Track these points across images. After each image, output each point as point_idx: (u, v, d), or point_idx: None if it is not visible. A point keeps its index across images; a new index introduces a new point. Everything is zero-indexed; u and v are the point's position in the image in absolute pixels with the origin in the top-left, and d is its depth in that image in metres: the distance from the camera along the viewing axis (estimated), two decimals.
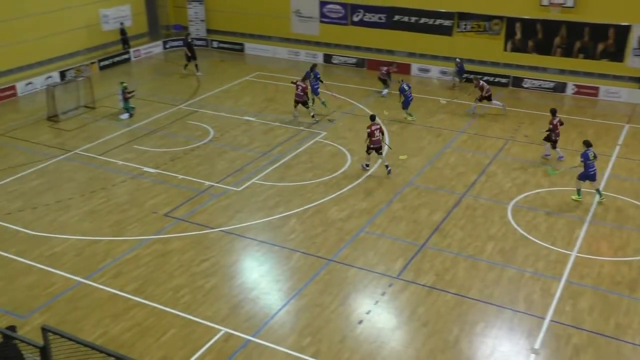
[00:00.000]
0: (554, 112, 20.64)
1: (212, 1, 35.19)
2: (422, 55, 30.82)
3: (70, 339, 6.78)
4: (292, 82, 24.51)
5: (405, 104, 24.41)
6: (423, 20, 30.18)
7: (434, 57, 30.53)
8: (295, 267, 15.15)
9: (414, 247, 15.92)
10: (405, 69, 30.61)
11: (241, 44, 34.65)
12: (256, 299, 13.95)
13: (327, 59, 32.52)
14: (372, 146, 19.71)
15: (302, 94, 23.87)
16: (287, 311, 13.54)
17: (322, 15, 32.59)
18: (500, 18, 28.60)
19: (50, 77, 28.80)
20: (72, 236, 16.45)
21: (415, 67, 30.64)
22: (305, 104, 24.09)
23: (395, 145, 22.01)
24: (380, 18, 31.20)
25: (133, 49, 33.24)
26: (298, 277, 14.73)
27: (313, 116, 24.16)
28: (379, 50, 31.79)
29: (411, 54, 31.13)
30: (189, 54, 30.07)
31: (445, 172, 20.10)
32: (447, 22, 29.79)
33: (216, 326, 12.97)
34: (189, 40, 30.61)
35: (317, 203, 18.13)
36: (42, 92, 26.50)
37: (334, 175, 19.87)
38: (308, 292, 14.13)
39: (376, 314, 13.48)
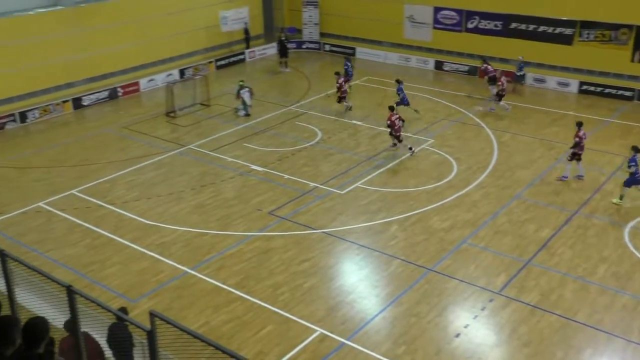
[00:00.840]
0: (579, 125, 19.61)
1: (326, 5, 35.65)
2: (539, 65, 29.72)
3: (175, 326, 7.04)
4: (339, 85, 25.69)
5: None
6: (542, 28, 29.11)
7: (552, 67, 29.37)
8: (394, 274, 15.04)
9: (519, 263, 15.36)
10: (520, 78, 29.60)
11: (352, 48, 34.86)
12: (353, 302, 13.97)
13: (438, 65, 32.07)
14: (397, 134, 21.27)
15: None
16: (383, 317, 13.46)
17: (436, 21, 32.20)
18: (629, 27, 27.05)
19: (170, 74, 30.27)
20: (181, 227, 17.18)
21: (530, 76, 29.59)
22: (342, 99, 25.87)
23: (504, 157, 21.38)
24: (496, 25, 30.41)
25: (248, 50, 34.30)
26: (396, 284, 14.61)
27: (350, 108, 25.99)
28: (492, 59, 30.93)
29: (527, 63, 30.06)
30: (281, 52, 32.02)
31: (556, 187, 19.27)
32: (567, 31, 28.56)
33: (312, 326, 13.11)
34: (282, 38, 32.27)
35: (419, 211, 17.92)
36: (162, 89, 27.90)
37: (438, 184, 19.55)
38: (405, 300, 13.99)
39: (474, 328, 13.13)
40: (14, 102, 25.61)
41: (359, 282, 14.81)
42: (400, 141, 21.46)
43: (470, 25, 31.22)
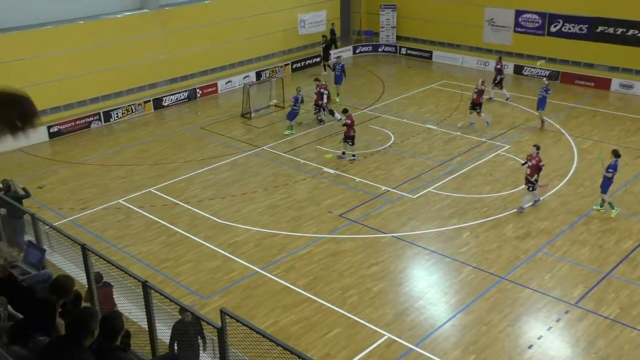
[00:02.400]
0: (536, 147, 17.91)
1: (404, 8, 35.41)
2: (626, 70, 28.50)
3: (244, 324, 7.17)
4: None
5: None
6: (631, 32, 27.87)
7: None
8: (464, 281, 14.76)
9: (597, 275, 14.77)
10: (604, 83, 28.53)
11: (429, 52, 34.47)
12: (422, 308, 13.81)
13: (518, 70, 31.27)
14: (353, 134, 21.31)
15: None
16: (452, 325, 13.24)
17: (517, 24, 31.39)
18: None
19: (247, 76, 30.83)
20: (253, 227, 17.46)
21: (616, 82, 28.40)
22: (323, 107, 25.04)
23: (585, 165, 20.61)
24: (581, 29, 29.35)
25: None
26: (467, 292, 14.34)
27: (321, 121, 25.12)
28: (576, 63, 29.93)
29: (613, 68, 28.91)
30: (323, 54, 32.04)
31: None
32: None
33: (380, 330, 13.04)
34: (325, 40, 32.07)
35: (493, 218, 17.52)
36: (239, 90, 28.44)
37: (514, 190, 19.06)
38: (476, 308, 13.70)
39: (548, 340, 12.71)
40: (99, 102, 26.74)
41: (428, 288, 14.62)
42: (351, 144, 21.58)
43: (553, 29, 30.26)
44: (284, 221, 17.79)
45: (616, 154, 17.60)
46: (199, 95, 29.32)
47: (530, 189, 17.72)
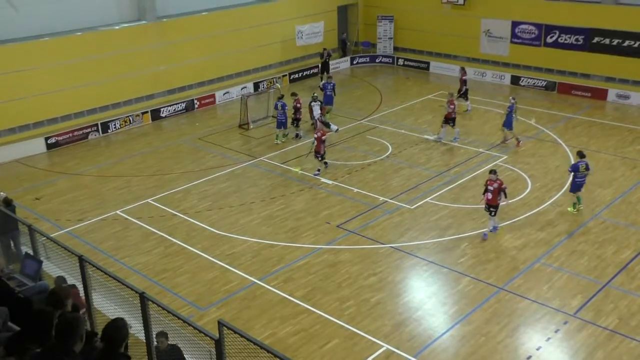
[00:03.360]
0: (494, 172, 17.18)
1: (401, 20, 35.59)
2: (622, 81, 28.62)
3: (242, 336, 7.14)
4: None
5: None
6: (627, 42, 28.01)
7: (636, 83, 28.21)
8: (463, 292, 14.73)
9: (596, 286, 14.75)
10: (601, 94, 28.65)
11: (426, 62, 34.59)
12: (420, 319, 13.77)
13: (515, 80, 31.39)
14: (323, 151, 21.15)
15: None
16: (451, 336, 13.20)
17: (514, 35, 31.54)
18: None
19: (245, 87, 30.89)
20: (251, 238, 17.43)
21: (612, 92, 28.51)
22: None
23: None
24: (577, 40, 29.49)
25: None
26: (465, 302, 14.31)
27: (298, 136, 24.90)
28: (572, 74, 30.06)
29: (609, 79, 29.03)
30: (322, 66, 32.01)
31: (638, 208, 18.44)
32: None
33: (378, 342, 12.99)
34: (325, 53, 32.04)
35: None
36: (236, 101, 28.50)
37: (511, 201, 19.06)
38: (475, 319, 13.67)
39: (547, 351, 12.68)
40: (96, 113, 26.75)
41: (426, 299, 14.59)
42: (320, 159, 21.47)
43: (549, 40, 30.41)
44: (282, 232, 17.76)
45: (580, 154, 18.27)
46: (196, 106, 29.36)
47: (493, 213, 16.91)
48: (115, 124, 26.54)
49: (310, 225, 18.05)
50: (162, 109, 28.14)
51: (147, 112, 27.64)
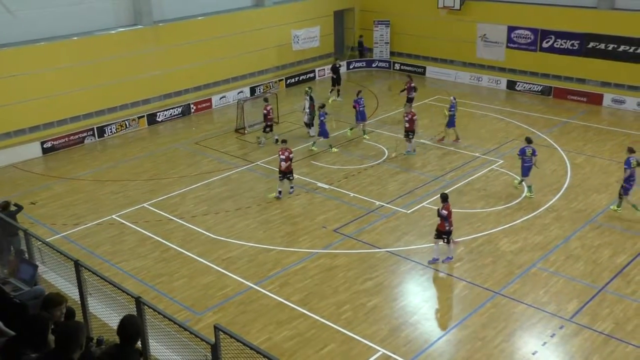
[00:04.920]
0: (444, 199, 15.88)
1: (398, 24, 35.67)
2: (618, 85, 28.73)
3: (238, 340, 7.14)
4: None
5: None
6: (622, 47, 28.13)
7: (632, 88, 28.32)
8: (459, 296, 14.74)
9: (592, 290, 14.77)
10: (597, 98, 28.75)
11: (423, 67, 34.68)
12: (417, 323, 13.77)
13: (511, 85, 31.48)
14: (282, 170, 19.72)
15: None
16: (447, 340, 13.19)
17: (510, 40, 31.66)
18: None
19: (241, 92, 30.91)
20: (247, 243, 17.41)
21: (608, 97, 28.62)
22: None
23: (578, 180, 20.70)
24: (573, 45, 29.61)
25: (317, 69, 34.68)
26: (461, 307, 14.31)
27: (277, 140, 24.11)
28: (568, 79, 30.17)
29: (605, 84, 29.14)
30: (334, 77, 30.22)
31: (634, 213, 18.47)
32: None
33: (375, 346, 12.98)
34: (337, 65, 30.65)
35: (487, 233, 17.54)
36: (233, 106, 28.50)
37: (507, 205, 19.10)
38: (471, 324, 13.67)
39: (543, 355, 12.68)
40: (92, 117, 26.71)
41: (423, 303, 14.59)
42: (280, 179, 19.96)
43: (545, 45, 30.52)
44: (278, 236, 17.75)
45: (528, 140, 19.68)
46: (193, 110, 29.36)
47: (445, 240, 15.92)
48: (111, 129, 26.51)
49: (306, 229, 18.04)
50: (158, 114, 28.13)
51: (143, 116, 27.62)
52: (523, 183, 19.88)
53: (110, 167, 23.18)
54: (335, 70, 30.45)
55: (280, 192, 19.98)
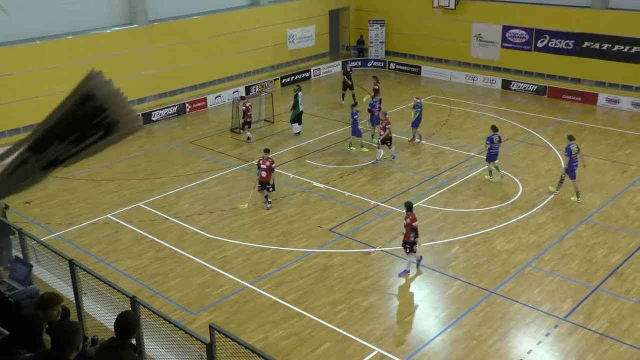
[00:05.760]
0: (409, 207, 15.46)
1: (393, 24, 35.70)
2: (612, 85, 28.83)
3: (233, 340, 7.14)
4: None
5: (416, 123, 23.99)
6: (616, 47, 28.22)
7: (626, 87, 28.43)
8: (454, 296, 14.76)
9: (586, 289, 14.82)
10: (591, 98, 28.84)
11: (418, 67, 34.71)
12: (412, 323, 13.80)
13: (506, 84, 31.54)
14: (272, 181, 18.82)
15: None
16: (442, 339, 13.21)
17: (505, 40, 31.72)
18: None
19: (236, 91, 30.87)
20: (242, 242, 17.40)
21: (602, 97, 28.71)
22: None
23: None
24: (567, 44, 29.69)
25: (313, 68, 34.67)
26: (456, 306, 14.34)
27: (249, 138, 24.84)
28: (563, 78, 30.26)
29: (599, 83, 29.23)
30: (349, 83, 29.37)
31: (628, 212, 18.55)
32: None
33: (370, 345, 12.99)
34: (348, 70, 30.29)
35: (482, 232, 17.58)
36: (228, 105, 28.48)
37: (502, 204, 19.15)
38: (466, 323, 13.69)
39: (538, 355, 12.71)
40: None
41: (418, 302, 14.61)
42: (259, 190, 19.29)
43: (540, 44, 30.59)
44: (274, 236, 17.74)
45: (494, 128, 20.75)
46: (188, 110, 29.32)
47: (408, 250, 15.50)
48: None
49: (302, 229, 18.04)
50: (153, 113, 28.07)
51: (138, 115, 27.48)
52: (494, 169, 20.64)
53: (105, 166, 23.13)
54: (347, 75, 29.72)
55: (268, 201, 19.17)
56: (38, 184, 2.83)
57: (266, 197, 19.22)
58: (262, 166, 18.71)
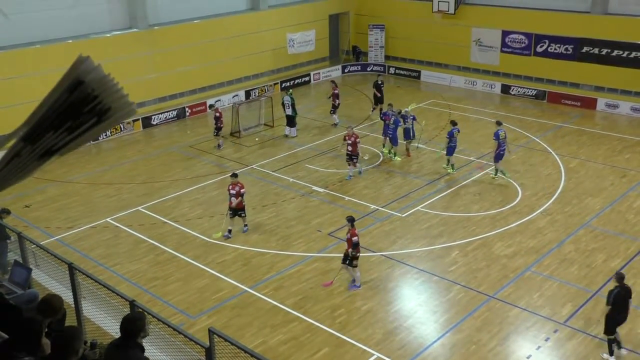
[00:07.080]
0: (350, 221, 15.04)
1: (392, 28, 35.77)
2: (611, 90, 28.87)
3: (232, 344, 7.14)
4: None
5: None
6: (615, 52, 28.28)
7: (625, 92, 28.47)
8: (454, 300, 14.75)
9: (586, 294, 14.81)
10: (590, 103, 28.89)
11: (417, 71, 34.76)
12: (411, 327, 13.78)
13: (505, 89, 31.59)
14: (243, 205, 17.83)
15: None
16: (441, 344, 13.20)
17: (504, 44, 31.78)
18: None
19: (236, 95, 30.92)
20: (242, 246, 17.39)
21: (602, 102, 28.75)
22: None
23: (572, 184, 20.76)
24: (567, 49, 29.75)
25: (313, 72, 34.71)
26: (456, 311, 14.33)
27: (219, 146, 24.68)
28: (562, 83, 30.31)
29: (599, 88, 29.28)
30: (378, 95, 27.99)
31: (628, 217, 18.55)
32: None
33: (369, 350, 12.98)
34: (379, 82, 28.36)
35: (481, 236, 17.57)
36: (228, 109, 28.49)
37: (502, 209, 19.15)
38: (465, 327, 13.68)
39: (537, 359, 12.69)
40: None
41: (417, 307, 14.60)
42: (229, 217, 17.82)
43: (539, 49, 30.65)
44: (273, 240, 17.74)
45: (498, 123, 21.23)
46: (188, 114, 29.34)
47: (348, 263, 15.05)
48: (105, 132, 26.44)
49: (301, 233, 18.04)
50: (153, 117, 28.10)
51: (138, 119, 27.59)
52: (500, 171, 21.08)
53: (104, 170, 23.14)
54: (378, 87, 28.08)
55: (230, 232, 17.82)
56: (33, 174, 2.86)
57: (245, 225, 18.10)
58: (232, 192, 17.57)
